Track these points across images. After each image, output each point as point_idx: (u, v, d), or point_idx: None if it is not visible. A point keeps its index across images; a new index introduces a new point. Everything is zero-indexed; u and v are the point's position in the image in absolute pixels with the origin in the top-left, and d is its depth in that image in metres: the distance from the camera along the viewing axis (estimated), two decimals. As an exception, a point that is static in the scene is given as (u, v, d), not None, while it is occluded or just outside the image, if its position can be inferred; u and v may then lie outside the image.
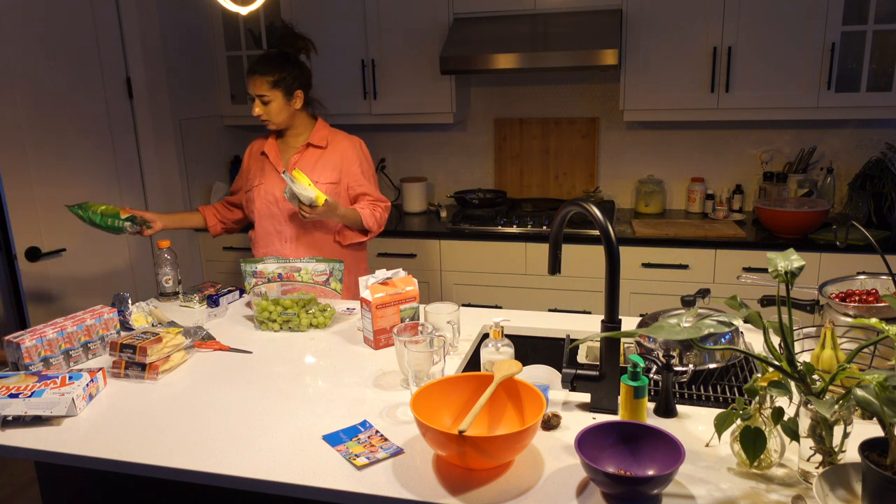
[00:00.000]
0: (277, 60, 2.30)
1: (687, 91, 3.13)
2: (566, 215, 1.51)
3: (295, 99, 2.34)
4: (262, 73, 2.27)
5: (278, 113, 2.32)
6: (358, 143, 2.46)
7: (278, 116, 2.33)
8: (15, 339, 1.70)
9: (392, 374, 1.70)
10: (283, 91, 2.30)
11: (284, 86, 2.30)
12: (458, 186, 3.84)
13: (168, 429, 1.46)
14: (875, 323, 1.14)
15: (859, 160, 3.29)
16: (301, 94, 2.35)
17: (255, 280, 2.16)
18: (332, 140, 2.42)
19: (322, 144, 2.40)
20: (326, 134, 2.43)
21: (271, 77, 2.27)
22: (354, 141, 2.46)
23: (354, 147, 2.44)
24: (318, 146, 2.40)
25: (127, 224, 2.25)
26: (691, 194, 3.46)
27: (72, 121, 3.03)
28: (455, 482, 1.24)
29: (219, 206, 2.59)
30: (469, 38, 3.17)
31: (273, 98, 2.29)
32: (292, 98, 2.33)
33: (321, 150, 2.40)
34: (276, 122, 2.35)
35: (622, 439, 1.26)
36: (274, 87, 2.28)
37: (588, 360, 1.82)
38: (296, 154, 2.40)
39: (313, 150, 2.40)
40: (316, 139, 2.40)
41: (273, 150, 2.43)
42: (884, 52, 2.97)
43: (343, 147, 2.42)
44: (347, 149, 2.42)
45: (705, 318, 1.21)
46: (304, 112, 2.42)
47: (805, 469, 1.19)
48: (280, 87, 2.29)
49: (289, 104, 2.33)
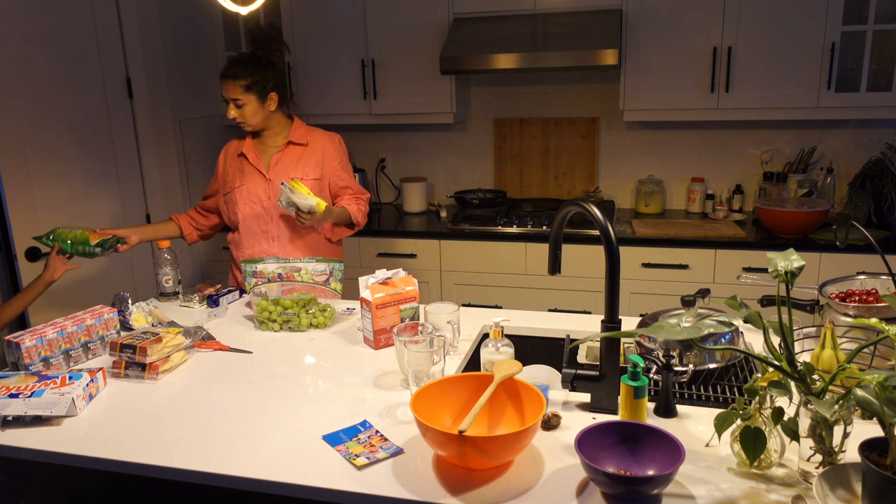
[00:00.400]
0: (250, 64, 2.30)
1: (687, 91, 3.13)
2: (566, 215, 1.51)
3: (269, 101, 2.34)
4: (234, 76, 2.27)
5: (253, 115, 2.33)
6: (337, 139, 2.48)
7: (253, 119, 2.34)
8: (15, 339, 1.70)
9: (392, 374, 1.70)
10: (257, 94, 2.30)
11: (258, 89, 2.30)
12: (458, 186, 3.84)
13: (168, 429, 1.46)
14: (875, 323, 1.14)
15: (859, 160, 3.29)
16: (275, 96, 2.35)
17: (255, 280, 2.16)
18: (312, 137, 2.44)
19: (303, 142, 2.42)
20: (305, 132, 2.44)
21: (244, 81, 2.28)
22: (333, 137, 2.47)
23: (334, 143, 2.45)
24: (298, 144, 2.42)
25: (97, 249, 2.22)
26: (691, 194, 3.46)
27: (72, 121, 3.03)
28: (455, 482, 1.24)
29: (192, 213, 2.57)
30: (469, 38, 3.17)
31: (247, 101, 2.30)
32: (266, 100, 2.33)
33: (302, 148, 2.42)
34: (251, 125, 2.36)
35: (622, 439, 1.26)
36: (247, 90, 2.29)
37: (588, 360, 1.82)
38: (277, 153, 2.40)
39: (294, 147, 2.42)
40: (296, 137, 2.41)
41: (251, 151, 2.43)
42: (884, 52, 2.97)
43: (323, 143, 2.43)
44: (327, 145, 2.43)
45: (705, 318, 1.21)
46: (280, 112, 2.42)
47: (805, 469, 1.19)
48: (253, 90, 2.29)
49: (263, 106, 2.34)
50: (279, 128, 2.43)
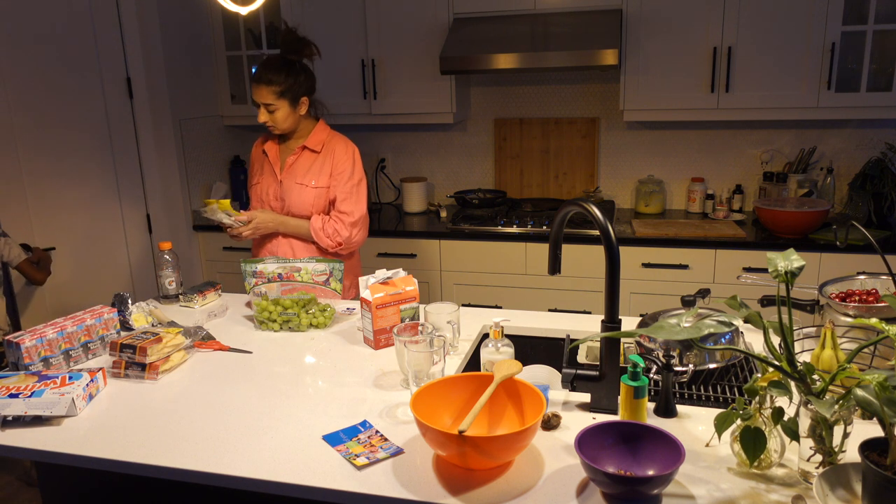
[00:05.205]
0: (284, 69, 2.27)
1: (687, 91, 3.13)
2: (566, 215, 1.51)
3: (300, 105, 2.32)
4: (267, 82, 2.24)
5: (284, 120, 2.31)
6: (350, 150, 2.40)
7: (284, 123, 2.32)
8: (15, 339, 1.70)
9: (392, 374, 1.70)
10: (290, 100, 2.28)
11: (291, 95, 2.28)
12: (458, 186, 3.84)
13: (168, 429, 1.46)
14: (875, 323, 1.14)
15: (859, 160, 3.29)
16: (306, 101, 2.34)
17: (255, 280, 2.16)
18: (328, 144, 2.39)
19: (317, 149, 2.37)
20: (324, 138, 2.39)
21: (278, 87, 2.25)
22: (348, 147, 2.40)
23: (348, 153, 2.38)
24: (312, 150, 2.38)
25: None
26: (691, 194, 3.46)
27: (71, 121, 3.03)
28: (455, 482, 1.24)
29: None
30: (469, 38, 3.17)
31: (279, 107, 2.28)
32: (298, 105, 2.32)
33: (315, 154, 2.38)
34: (281, 129, 2.33)
35: (622, 439, 1.26)
36: (280, 96, 2.26)
37: (588, 360, 1.82)
38: (291, 156, 2.39)
39: (308, 153, 2.38)
40: (312, 143, 2.37)
41: (273, 150, 2.43)
42: (884, 52, 2.97)
43: (337, 153, 2.37)
44: (340, 154, 2.37)
45: (705, 318, 1.21)
46: (310, 114, 2.41)
47: (805, 469, 1.19)
48: (286, 96, 2.27)
49: (294, 111, 2.32)
50: (304, 130, 2.40)
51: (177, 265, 2.27)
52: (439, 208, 3.64)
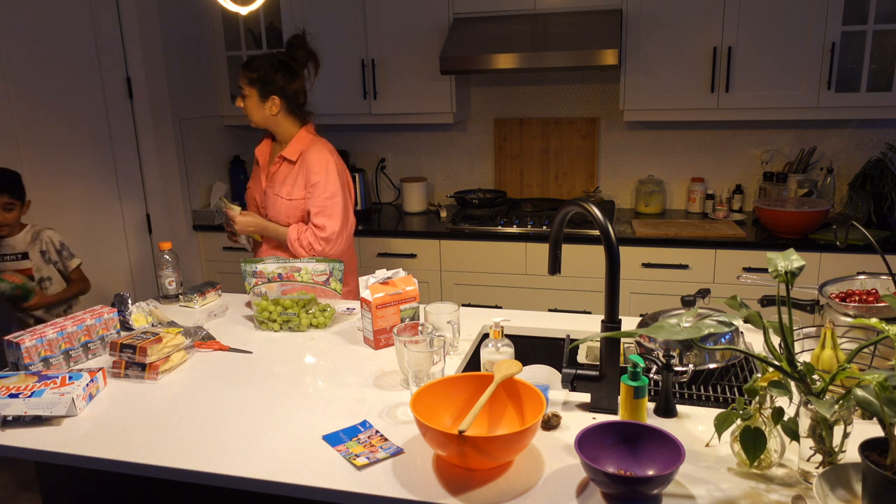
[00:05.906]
0: (266, 61, 2.29)
1: (687, 91, 3.13)
2: (566, 215, 1.51)
3: (269, 102, 2.30)
4: (246, 65, 2.31)
5: (252, 111, 2.32)
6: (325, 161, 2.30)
7: (253, 115, 2.33)
8: (15, 339, 1.70)
9: (392, 374, 1.70)
10: (259, 91, 2.29)
11: (260, 86, 2.28)
12: (458, 186, 3.84)
13: (168, 429, 1.46)
14: (875, 323, 1.14)
15: (859, 160, 3.29)
16: (277, 102, 2.30)
17: (255, 280, 2.16)
18: (305, 154, 2.32)
19: (293, 159, 2.33)
20: (301, 147, 2.33)
21: (251, 73, 2.29)
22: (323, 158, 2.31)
23: (321, 165, 2.29)
24: (289, 160, 2.34)
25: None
26: (691, 194, 3.46)
27: (71, 121, 3.03)
28: (455, 482, 1.24)
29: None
30: (469, 38, 3.17)
31: (249, 95, 2.30)
32: (266, 101, 2.30)
33: (291, 165, 2.34)
34: (252, 121, 2.35)
35: (622, 439, 1.26)
36: (251, 84, 2.29)
37: (588, 360, 1.82)
38: (273, 165, 2.38)
39: (286, 164, 2.36)
40: (288, 153, 2.33)
41: (264, 155, 2.43)
42: (884, 52, 2.97)
43: (310, 165, 2.30)
44: (314, 166, 2.29)
45: (705, 318, 1.21)
46: (290, 120, 2.35)
47: (805, 469, 1.19)
48: (256, 86, 2.28)
49: (262, 106, 2.30)
50: (286, 136, 2.37)
51: (177, 265, 2.27)
52: (439, 208, 3.64)
